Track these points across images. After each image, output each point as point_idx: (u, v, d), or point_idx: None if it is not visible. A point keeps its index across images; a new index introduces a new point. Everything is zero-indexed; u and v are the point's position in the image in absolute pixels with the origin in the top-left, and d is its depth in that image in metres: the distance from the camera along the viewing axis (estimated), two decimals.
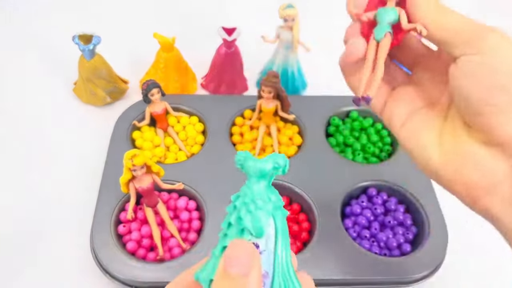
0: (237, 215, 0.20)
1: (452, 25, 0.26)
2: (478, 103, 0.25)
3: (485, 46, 0.24)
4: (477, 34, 0.25)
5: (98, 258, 0.42)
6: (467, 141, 0.26)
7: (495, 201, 0.26)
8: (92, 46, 0.54)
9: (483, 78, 0.24)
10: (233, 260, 0.18)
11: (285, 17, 0.55)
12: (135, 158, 0.40)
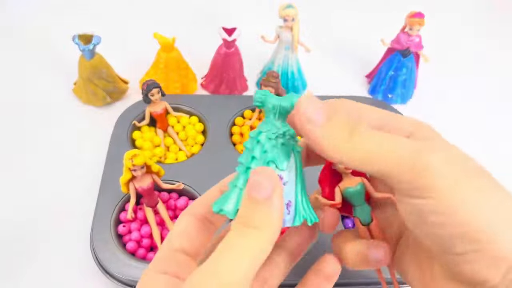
0: (262, 149, 0.21)
1: (377, 156, 0.19)
2: (437, 250, 0.20)
3: (429, 188, 0.19)
4: (415, 168, 0.19)
5: (98, 258, 0.42)
6: (442, 279, 0.22)
7: None
8: (92, 46, 0.54)
9: (437, 228, 0.19)
10: (256, 185, 0.19)
11: (285, 17, 0.55)
12: (135, 158, 0.40)
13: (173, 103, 0.55)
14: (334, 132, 0.20)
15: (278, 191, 0.19)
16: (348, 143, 0.20)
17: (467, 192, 0.19)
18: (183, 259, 0.22)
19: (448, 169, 0.19)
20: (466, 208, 0.19)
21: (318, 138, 0.20)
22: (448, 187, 0.19)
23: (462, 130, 0.60)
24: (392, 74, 0.61)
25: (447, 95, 0.67)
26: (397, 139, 0.20)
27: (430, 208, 0.19)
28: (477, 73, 0.71)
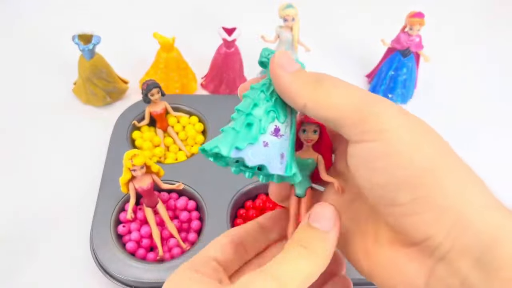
0: (266, 98, 0.22)
1: (335, 101, 0.20)
2: (382, 201, 0.20)
3: (376, 131, 0.19)
4: (364, 112, 0.19)
5: (98, 258, 0.42)
6: (385, 243, 0.21)
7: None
8: (92, 46, 0.54)
9: (382, 174, 0.19)
10: (319, 216, 0.21)
11: (285, 17, 0.55)
12: (134, 158, 0.40)
13: (173, 103, 0.55)
14: (301, 79, 0.21)
15: (337, 227, 0.21)
16: (313, 90, 0.21)
17: (412, 136, 0.19)
18: (217, 266, 0.23)
19: (396, 115, 0.19)
20: (411, 150, 0.19)
21: (286, 82, 0.21)
22: (395, 130, 0.19)
23: (463, 129, 0.60)
24: (392, 74, 0.61)
25: (447, 94, 0.67)
26: (355, 89, 0.21)
27: (378, 150, 0.19)
28: (477, 72, 0.71)
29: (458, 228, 0.18)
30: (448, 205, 0.18)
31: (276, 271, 0.19)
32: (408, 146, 0.19)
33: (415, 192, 0.18)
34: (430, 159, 0.18)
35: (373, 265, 0.22)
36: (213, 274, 0.22)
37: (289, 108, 0.23)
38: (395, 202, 0.19)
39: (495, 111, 0.65)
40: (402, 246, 0.20)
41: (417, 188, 0.18)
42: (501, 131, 0.62)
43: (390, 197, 0.19)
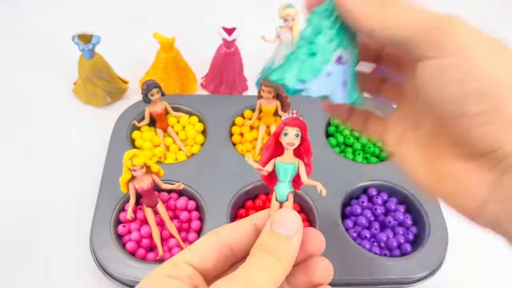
0: (331, 25, 0.22)
1: (405, 20, 0.20)
2: (452, 114, 0.20)
3: (450, 45, 0.19)
4: (439, 29, 0.20)
5: (98, 258, 0.42)
6: (449, 158, 0.22)
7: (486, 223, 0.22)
8: (91, 45, 0.54)
9: (454, 86, 0.20)
10: (281, 222, 0.22)
11: (285, 17, 0.55)
12: (134, 158, 0.40)
13: (173, 103, 0.55)
14: (366, 1, 0.21)
15: (300, 232, 0.22)
16: (380, 11, 0.21)
17: (487, 51, 0.20)
18: (193, 272, 0.22)
19: (471, 31, 0.20)
20: (487, 63, 0.19)
21: (351, 5, 0.21)
22: (470, 45, 0.19)
23: None
24: None
25: None
26: (423, 8, 0.21)
27: (453, 64, 0.19)
28: None
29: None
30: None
31: (246, 276, 0.20)
32: (484, 59, 0.19)
33: (488, 102, 0.19)
34: (505, 73, 0.19)
35: (434, 180, 0.23)
36: (187, 279, 0.21)
37: (352, 32, 0.23)
38: (466, 112, 0.20)
39: None
40: (465, 160, 0.21)
41: (490, 99, 0.19)
42: None
43: (462, 108, 0.20)
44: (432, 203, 0.47)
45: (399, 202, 0.49)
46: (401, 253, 0.45)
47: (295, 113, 0.25)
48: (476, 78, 0.19)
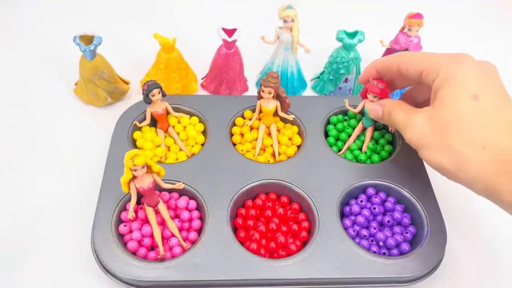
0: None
1: (418, 61, 0.40)
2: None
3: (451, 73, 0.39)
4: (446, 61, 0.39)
5: (99, 258, 0.42)
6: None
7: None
8: (93, 46, 0.55)
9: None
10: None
11: (284, 18, 0.55)
12: (135, 158, 0.40)
13: (173, 103, 0.56)
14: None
15: None
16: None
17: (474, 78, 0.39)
18: None
19: (470, 63, 0.40)
20: (470, 82, 0.38)
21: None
22: (463, 76, 0.39)
23: None
24: None
25: None
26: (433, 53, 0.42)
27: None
28: None
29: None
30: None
31: None
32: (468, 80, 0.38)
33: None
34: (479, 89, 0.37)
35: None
36: None
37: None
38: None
39: None
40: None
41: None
42: None
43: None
44: (431, 203, 0.48)
45: (398, 202, 0.49)
46: (399, 252, 0.46)
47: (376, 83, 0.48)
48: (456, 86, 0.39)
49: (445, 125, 0.36)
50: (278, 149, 0.54)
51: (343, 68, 0.60)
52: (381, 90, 0.48)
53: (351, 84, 0.62)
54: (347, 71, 0.60)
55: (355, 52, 0.59)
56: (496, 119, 0.35)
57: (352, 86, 0.63)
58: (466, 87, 0.36)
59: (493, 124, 0.34)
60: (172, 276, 0.41)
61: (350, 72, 0.61)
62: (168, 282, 0.41)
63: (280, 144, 0.54)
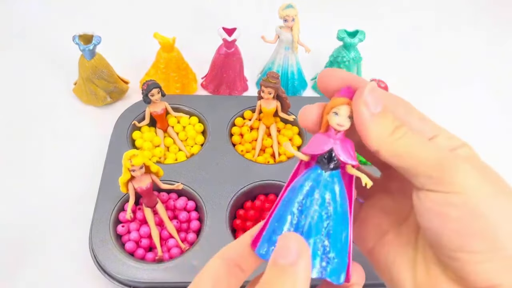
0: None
1: (411, 151, 0.21)
2: (450, 247, 0.21)
3: (454, 183, 0.20)
4: (443, 166, 0.21)
5: (97, 258, 0.42)
6: (442, 281, 0.22)
7: None
8: (92, 46, 0.54)
9: (456, 222, 0.20)
10: (282, 250, 0.19)
11: (284, 17, 0.55)
12: (134, 158, 0.40)
13: (173, 103, 0.55)
14: (382, 124, 0.22)
15: (305, 257, 0.19)
16: (389, 137, 0.22)
17: (490, 193, 0.21)
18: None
19: (473, 170, 0.21)
20: (489, 207, 0.20)
21: (367, 124, 0.22)
22: (474, 186, 0.20)
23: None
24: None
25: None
26: (432, 144, 0.22)
27: (454, 201, 0.20)
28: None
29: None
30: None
31: None
32: (483, 203, 0.20)
33: (489, 243, 0.20)
34: (503, 217, 0.20)
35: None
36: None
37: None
38: (466, 248, 0.20)
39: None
40: (459, 286, 0.21)
41: (491, 241, 0.20)
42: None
43: (463, 243, 0.20)
44: None
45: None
46: None
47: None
48: (480, 217, 0.20)
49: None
50: (278, 149, 0.53)
51: (344, 67, 0.59)
52: (382, 88, 0.48)
53: None
54: (348, 71, 0.60)
55: (355, 52, 0.59)
56: None
57: None
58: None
59: None
60: (170, 277, 0.41)
61: (351, 72, 0.60)
62: (166, 283, 0.41)
63: (280, 145, 0.54)
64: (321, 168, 0.22)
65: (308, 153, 0.23)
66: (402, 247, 0.25)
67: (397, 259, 0.24)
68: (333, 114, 0.22)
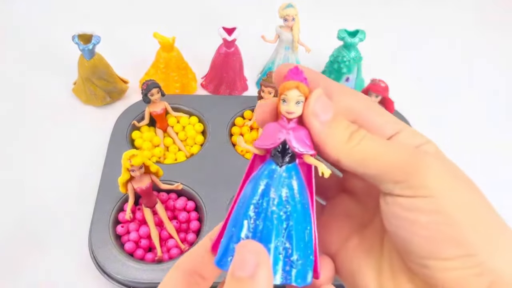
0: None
1: (372, 157, 0.20)
2: (420, 254, 0.19)
3: (423, 187, 0.19)
4: (409, 168, 0.19)
5: (96, 259, 0.42)
6: (409, 286, 0.21)
7: None
8: (91, 45, 0.54)
9: (426, 228, 0.19)
10: (239, 262, 0.18)
11: (285, 16, 0.55)
12: (133, 158, 0.39)
13: (173, 103, 0.55)
14: (336, 132, 0.20)
15: (264, 267, 0.18)
16: (347, 144, 0.20)
17: (461, 196, 0.19)
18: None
19: (442, 173, 0.19)
20: (461, 211, 0.19)
21: (320, 134, 0.20)
22: (446, 188, 0.19)
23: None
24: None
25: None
26: (393, 144, 0.20)
27: (423, 206, 0.19)
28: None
29: (495, 286, 0.18)
30: (490, 266, 0.18)
31: None
32: (454, 207, 0.19)
33: (461, 250, 0.18)
34: (475, 221, 0.19)
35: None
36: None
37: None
38: (436, 255, 0.19)
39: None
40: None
41: (463, 247, 0.18)
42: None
43: (433, 249, 0.19)
44: None
45: None
46: None
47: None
48: (451, 224, 0.18)
49: None
50: None
51: (345, 67, 0.59)
52: (383, 88, 0.47)
53: (352, 84, 0.62)
54: (349, 70, 0.60)
55: (356, 51, 0.59)
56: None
57: (353, 86, 0.62)
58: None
59: None
60: None
61: (352, 71, 0.60)
62: None
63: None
64: (275, 162, 0.20)
65: (260, 147, 0.21)
66: (366, 253, 0.23)
67: (362, 265, 0.23)
68: (281, 101, 0.20)
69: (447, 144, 0.58)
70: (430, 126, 0.60)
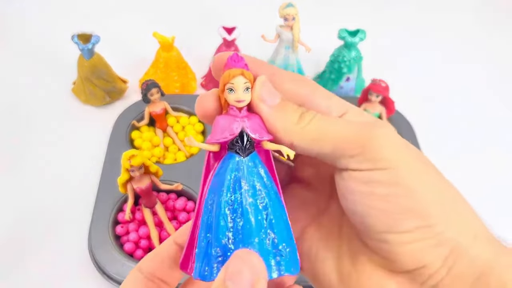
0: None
1: (324, 134, 0.19)
2: (377, 229, 0.19)
3: (379, 159, 0.18)
4: (364, 141, 0.19)
5: (96, 259, 0.42)
6: (368, 268, 0.20)
7: None
8: (91, 45, 0.54)
9: (383, 201, 0.18)
10: (235, 276, 0.17)
11: (285, 16, 0.55)
12: (132, 158, 0.39)
13: (172, 103, 0.55)
14: (285, 115, 0.20)
15: (261, 283, 0.17)
16: (297, 125, 0.20)
17: (414, 168, 0.19)
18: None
19: (396, 144, 0.19)
20: (419, 182, 0.18)
21: (269, 119, 0.20)
22: (397, 161, 0.18)
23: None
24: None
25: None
26: (344, 120, 0.20)
27: (380, 179, 0.18)
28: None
29: (454, 256, 0.18)
30: (449, 236, 0.18)
31: None
32: (412, 177, 0.18)
33: (419, 221, 0.18)
34: (432, 192, 0.18)
35: (351, 286, 0.20)
36: None
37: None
38: (394, 229, 0.18)
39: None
40: (388, 272, 0.19)
41: (421, 218, 0.18)
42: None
43: (390, 222, 0.18)
44: None
45: None
46: None
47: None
48: (408, 196, 0.18)
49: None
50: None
51: (345, 67, 0.59)
52: (384, 88, 0.47)
53: (353, 83, 0.61)
54: (349, 70, 0.60)
55: (356, 51, 0.59)
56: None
57: (354, 85, 0.62)
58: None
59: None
60: None
61: (352, 71, 0.60)
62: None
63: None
64: (238, 154, 0.20)
65: (216, 142, 0.20)
66: (325, 241, 0.22)
67: (320, 252, 0.22)
68: (227, 91, 0.19)
69: (448, 143, 0.59)
70: (431, 126, 0.60)
